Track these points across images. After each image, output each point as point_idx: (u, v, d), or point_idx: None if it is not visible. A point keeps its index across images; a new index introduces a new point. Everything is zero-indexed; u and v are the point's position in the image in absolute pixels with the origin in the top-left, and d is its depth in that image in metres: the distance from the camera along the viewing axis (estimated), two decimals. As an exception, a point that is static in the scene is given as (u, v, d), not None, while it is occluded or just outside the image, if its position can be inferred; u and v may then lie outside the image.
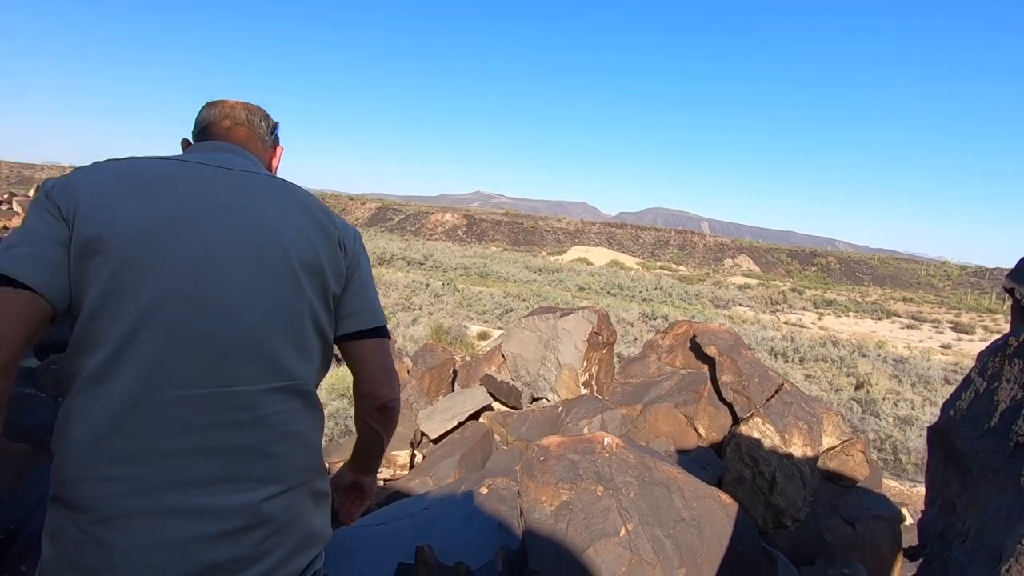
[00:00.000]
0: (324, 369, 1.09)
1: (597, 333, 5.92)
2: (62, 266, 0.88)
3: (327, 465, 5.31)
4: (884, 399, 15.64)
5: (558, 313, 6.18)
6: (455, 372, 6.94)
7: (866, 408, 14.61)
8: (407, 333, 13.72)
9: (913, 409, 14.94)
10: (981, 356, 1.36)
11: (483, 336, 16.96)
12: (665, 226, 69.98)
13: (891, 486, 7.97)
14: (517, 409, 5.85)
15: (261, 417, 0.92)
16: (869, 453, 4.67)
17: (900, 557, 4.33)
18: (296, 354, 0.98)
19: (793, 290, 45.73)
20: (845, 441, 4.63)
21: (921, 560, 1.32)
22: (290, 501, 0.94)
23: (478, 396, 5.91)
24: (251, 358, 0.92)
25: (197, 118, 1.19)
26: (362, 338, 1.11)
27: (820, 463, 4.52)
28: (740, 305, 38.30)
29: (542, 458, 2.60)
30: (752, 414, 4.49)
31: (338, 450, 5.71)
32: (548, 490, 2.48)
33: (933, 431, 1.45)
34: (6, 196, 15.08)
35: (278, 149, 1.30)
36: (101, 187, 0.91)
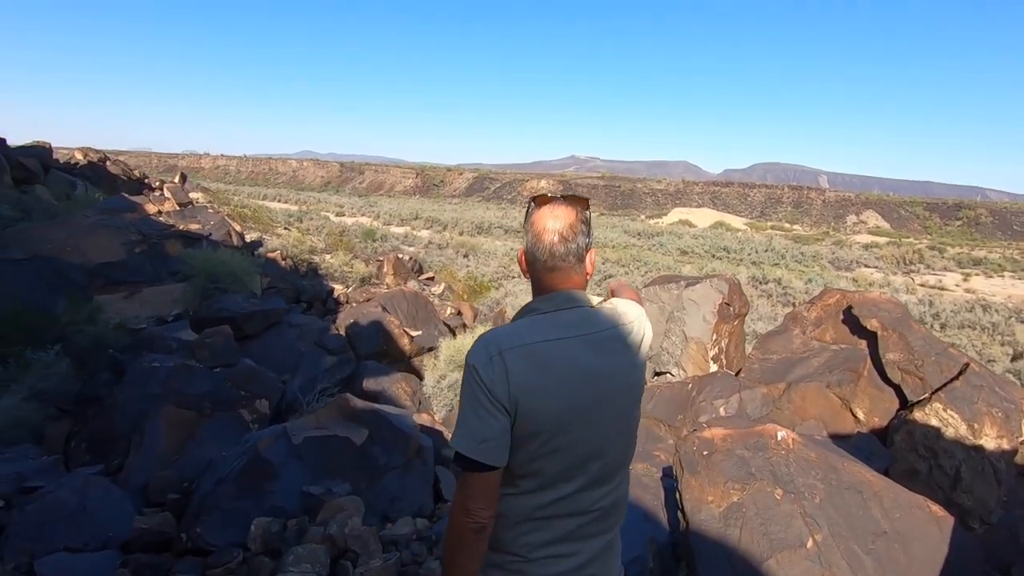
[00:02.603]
0: None
1: (728, 304, 5.42)
2: (509, 445, 1.19)
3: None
4: None
5: (683, 282, 5.73)
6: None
7: (1015, 377, 12.65)
8: (515, 303, 13.78)
9: None
10: None
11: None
12: (776, 182, 64.56)
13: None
14: (640, 384, 5.55)
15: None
16: (1086, 448, 3.87)
17: None
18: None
19: (931, 248, 40.52)
20: (1051, 433, 3.86)
21: None
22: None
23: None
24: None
25: (528, 237, 1.31)
26: None
27: (1019, 457, 3.81)
28: (866, 266, 34.63)
29: (705, 452, 2.31)
30: (930, 398, 3.86)
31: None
32: (715, 489, 2.20)
33: None
34: (158, 183, 16.91)
35: (591, 253, 1.35)
36: (531, 384, 1.17)
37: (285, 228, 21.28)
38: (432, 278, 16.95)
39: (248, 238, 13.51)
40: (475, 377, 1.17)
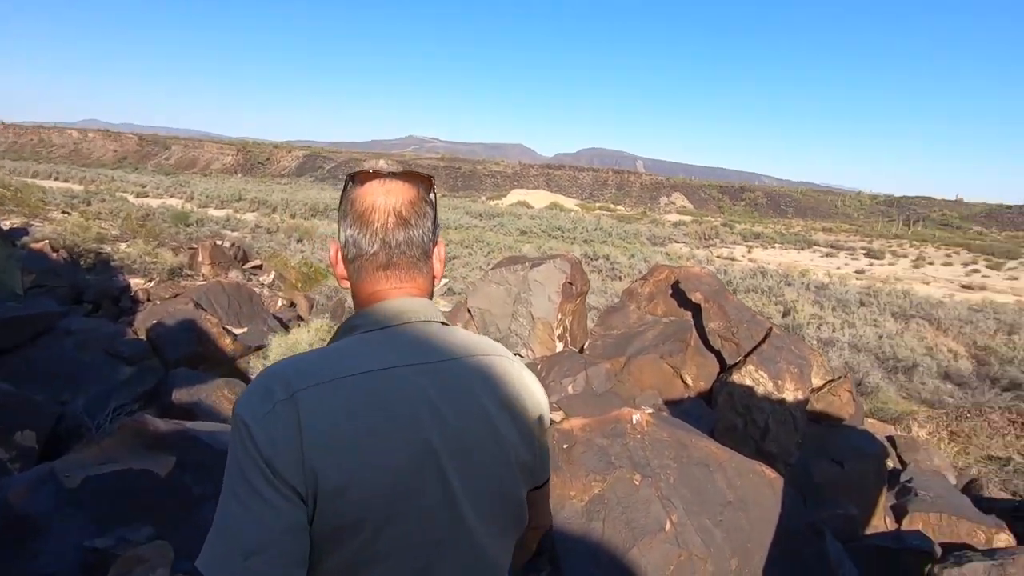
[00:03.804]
0: None
1: (571, 283, 5.56)
2: (304, 555, 0.72)
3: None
4: (808, 324, 16.75)
5: (528, 264, 5.75)
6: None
7: (793, 333, 15.57)
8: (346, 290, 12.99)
9: (834, 331, 16.10)
10: None
11: (429, 287, 16.36)
12: (602, 166, 70.19)
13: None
14: (490, 369, 5.48)
15: None
16: (855, 392, 4.65)
17: (884, 492, 4.38)
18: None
19: (724, 225, 47.52)
20: (831, 381, 4.57)
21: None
22: None
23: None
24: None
25: (346, 224, 0.89)
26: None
27: (809, 405, 4.45)
28: (676, 242, 39.43)
29: (566, 446, 2.22)
30: (744, 361, 4.31)
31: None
32: (576, 483, 2.12)
33: None
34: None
35: (439, 247, 0.95)
36: (342, 443, 0.73)
37: (64, 212, 17.60)
38: (260, 266, 15.29)
39: (7, 225, 10.84)
40: (244, 439, 0.71)
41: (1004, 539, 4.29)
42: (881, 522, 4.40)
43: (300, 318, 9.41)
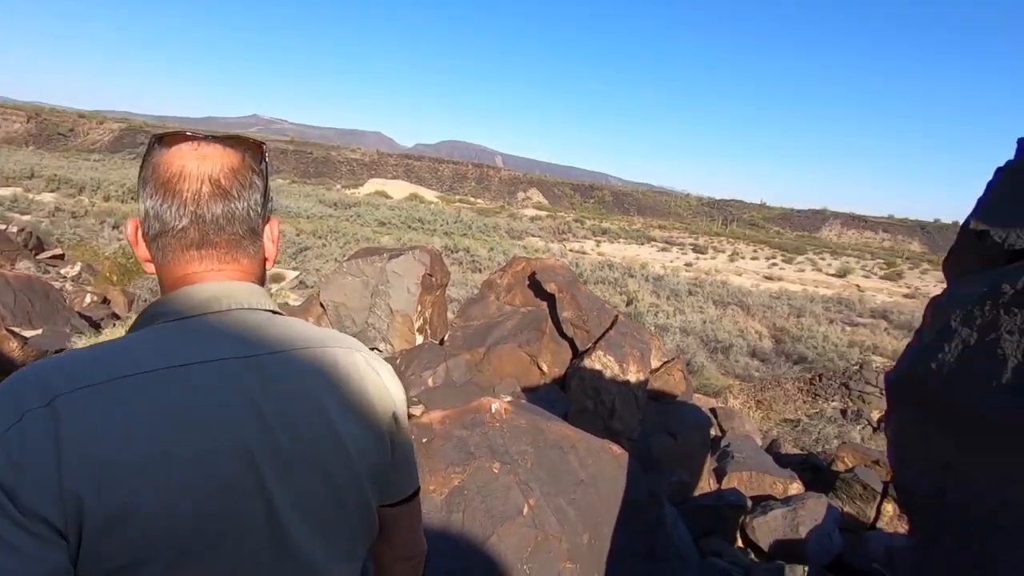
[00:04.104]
0: None
1: (430, 275, 5.48)
2: None
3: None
4: (648, 311, 18.72)
5: (386, 255, 5.55)
6: (262, 328, 5.92)
7: (635, 320, 17.27)
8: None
9: (668, 318, 18.18)
10: (947, 304, 1.32)
11: (276, 278, 15.18)
12: (462, 159, 70.59)
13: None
14: (346, 365, 5.21)
15: None
16: (686, 371, 5.20)
17: (708, 457, 4.98)
18: None
19: (576, 221, 50.60)
20: (666, 362, 5.06)
21: (919, 530, 1.30)
22: None
23: (297, 355, 5.10)
24: None
25: (142, 179, 0.72)
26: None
27: (649, 385, 4.89)
28: (533, 235, 41.13)
29: (425, 439, 2.17)
30: (593, 347, 4.60)
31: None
32: (436, 477, 2.08)
33: (897, 382, 1.42)
34: None
35: (272, 225, 0.79)
36: (118, 459, 0.57)
37: None
38: (62, 256, 12.96)
39: None
40: None
41: (796, 487, 5.13)
42: (706, 484, 5.01)
43: (116, 316, 8.14)
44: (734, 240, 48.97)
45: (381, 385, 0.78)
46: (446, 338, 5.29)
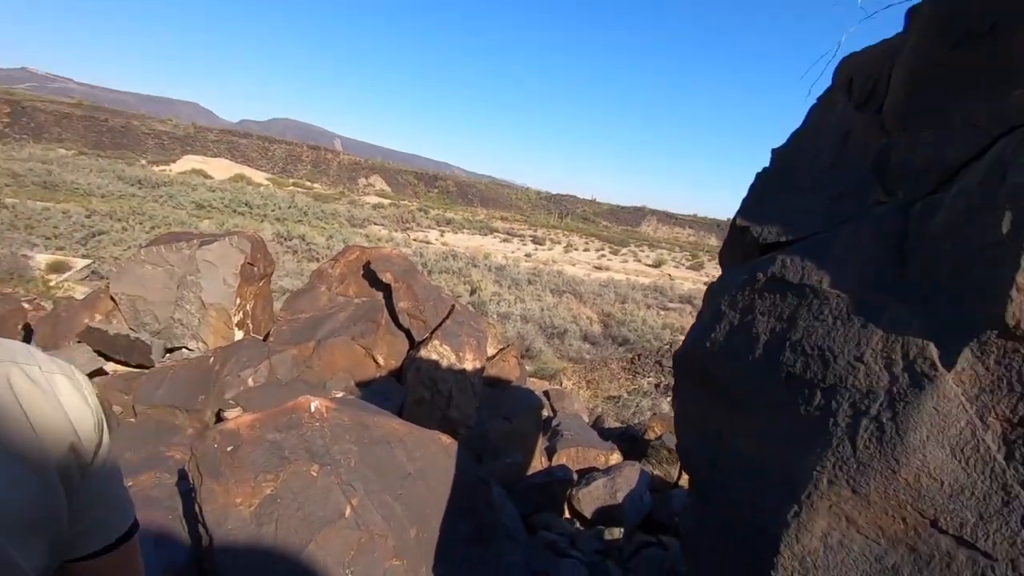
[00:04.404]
0: None
1: (252, 264, 4.97)
2: None
3: None
4: (491, 300, 19.36)
5: (196, 241, 4.90)
6: (28, 328, 4.87)
7: (478, 309, 17.81)
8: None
9: (509, 307, 18.99)
10: (719, 290, 1.51)
11: (58, 268, 12.60)
12: (297, 140, 65.47)
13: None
14: (146, 368, 4.51)
15: None
16: (520, 356, 5.41)
17: (541, 437, 5.27)
18: None
19: (420, 210, 50.08)
20: (502, 349, 5.22)
21: (696, 490, 1.46)
22: None
23: (79, 359, 4.28)
24: None
25: None
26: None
27: (485, 372, 5.00)
28: (375, 224, 39.75)
29: (230, 448, 1.92)
30: (430, 337, 4.57)
31: None
32: (244, 488, 1.87)
33: (681, 358, 1.59)
34: None
35: None
36: None
37: None
38: None
39: None
40: None
41: (616, 458, 5.67)
42: (539, 463, 5.29)
43: None
44: (569, 233, 52.50)
45: (49, 409, 0.61)
46: (271, 333, 4.85)
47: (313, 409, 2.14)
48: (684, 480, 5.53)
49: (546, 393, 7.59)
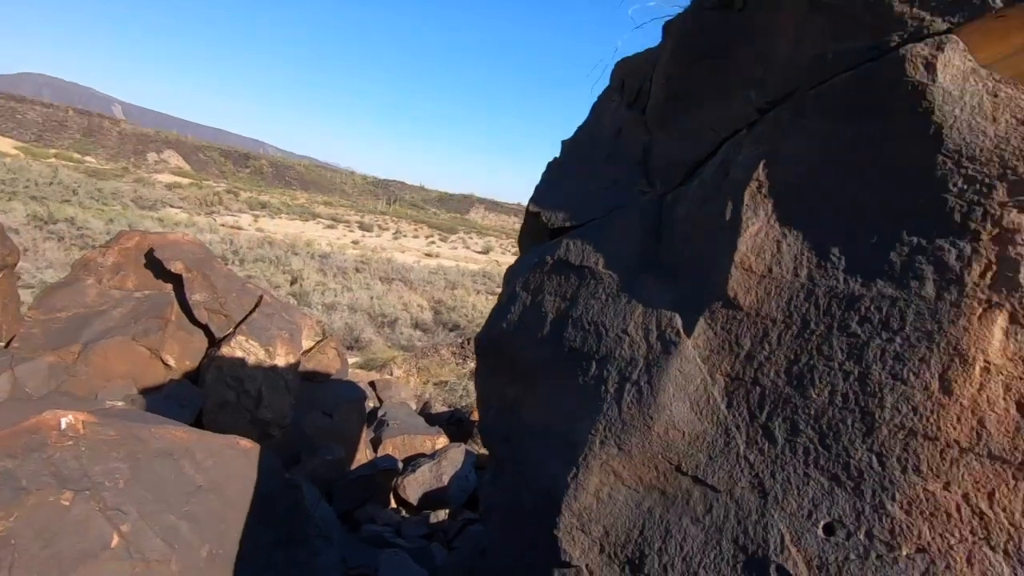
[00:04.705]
0: None
1: (-17, 253, 3.96)
2: None
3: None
4: (315, 290, 18.24)
5: None
6: None
7: (300, 300, 16.71)
8: None
9: (336, 296, 18.12)
10: (515, 272, 1.58)
11: None
12: (60, 103, 53.83)
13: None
14: None
15: None
16: (341, 348, 5.16)
17: (365, 429, 5.11)
18: None
19: (229, 192, 44.87)
20: (320, 341, 4.94)
21: (493, 464, 1.50)
22: None
23: None
24: None
25: None
26: None
27: (300, 367, 4.67)
28: (171, 206, 34.65)
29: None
30: (234, 332, 4.13)
31: None
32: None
33: (482, 339, 1.63)
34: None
35: None
36: None
37: None
38: None
39: None
40: None
41: (442, 441, 5.74)
42: (364, 455, 5.14)
43: None
44: (398, 219, 51.52)
45: None
46: (15, 338, 3.94)
47: (64, 426, 1.77)
48: (507, 455, 5.83)
49: (372, 384, 7.38)
